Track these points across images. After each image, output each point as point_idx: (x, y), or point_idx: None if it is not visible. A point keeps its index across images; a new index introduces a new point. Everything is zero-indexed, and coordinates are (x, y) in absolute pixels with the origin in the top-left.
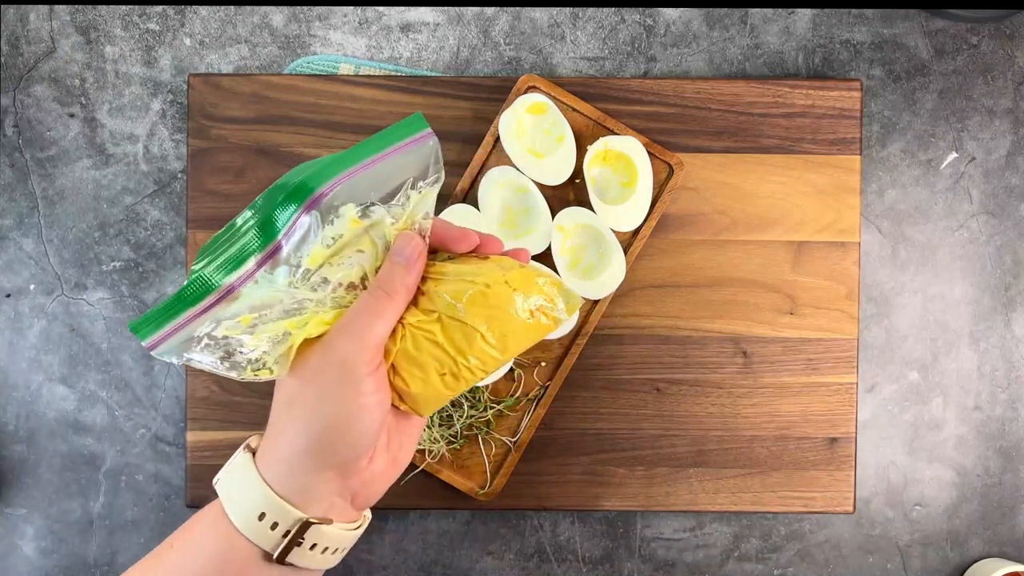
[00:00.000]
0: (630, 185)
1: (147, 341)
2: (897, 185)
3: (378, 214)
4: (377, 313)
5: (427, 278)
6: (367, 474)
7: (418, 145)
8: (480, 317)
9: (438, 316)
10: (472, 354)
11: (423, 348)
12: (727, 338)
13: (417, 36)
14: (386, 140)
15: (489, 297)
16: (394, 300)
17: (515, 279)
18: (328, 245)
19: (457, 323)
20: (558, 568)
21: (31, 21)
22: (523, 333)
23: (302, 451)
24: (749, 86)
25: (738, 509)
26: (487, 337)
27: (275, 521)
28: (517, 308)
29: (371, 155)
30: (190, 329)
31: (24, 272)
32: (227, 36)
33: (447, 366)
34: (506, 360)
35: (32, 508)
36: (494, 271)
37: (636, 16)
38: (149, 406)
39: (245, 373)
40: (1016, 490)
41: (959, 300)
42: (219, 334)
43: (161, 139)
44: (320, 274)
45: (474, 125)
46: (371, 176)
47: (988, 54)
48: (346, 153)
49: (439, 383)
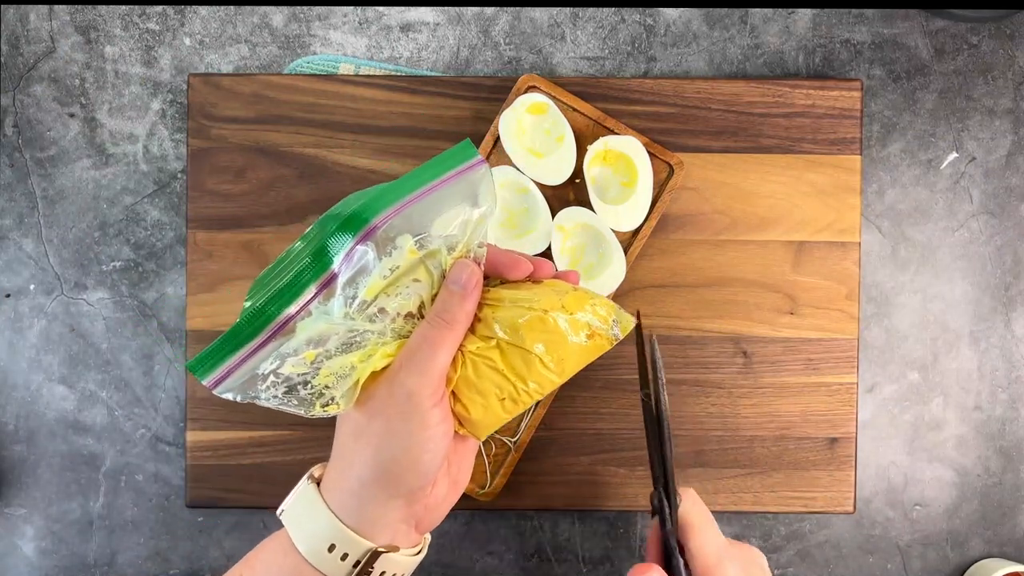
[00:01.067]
0: (630, 185)
1: (207, 379)
2: (897, 185)
3: (435, 244)
4: (438, 343)
5: (483, 304)
6: (431, 500)
7: (474, 173)
8: (539, 342)
9: (496, 342)
10: (531, 379)
11: (483, 375)
12: (727, 338)
13: (417, 36)
14: (438, 169)
15: (547, 322)
16: (454, 329)
17: (570, 303)
18: (385, 276)
19: (516, 349)
20: (558, 568)
21: (31, 21)
22: (579, 355)
23: (370, 482)
24: (749, 86)
25: (738, 509)
26: (545, 361)
27: (345, 552)
28: (573, 332)
29: (424, 184)
30: (251, 366)
31: (24, 272)
32: (227, 36)
33: (507, 391)
34: (562, 382)
35: (32, 508)
36: (550, 296)
37: (636, 16)
38: (149, 406)
39: (314, 409)
40: (1016, 490)
41: (959, 300)
42: (284, 371)
43: (161, 139)
44: (377, 304)
45: (474, 125)
46: (424, 206)
47: (988, 54)
48: (398, 183)
49: (499, 408)
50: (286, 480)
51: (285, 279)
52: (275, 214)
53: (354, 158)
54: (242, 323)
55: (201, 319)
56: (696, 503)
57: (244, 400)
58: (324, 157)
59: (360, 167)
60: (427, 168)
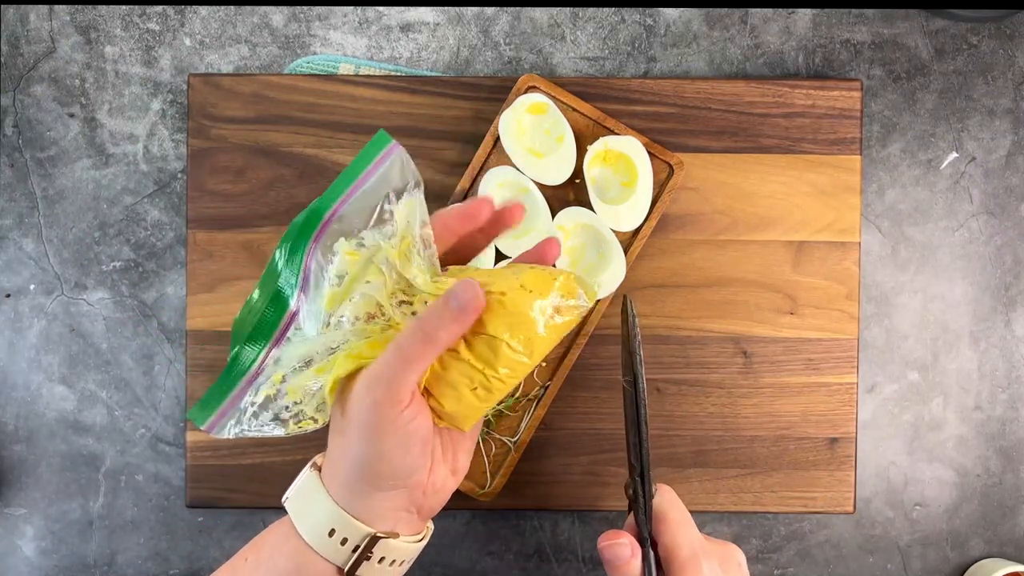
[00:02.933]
0: (630, 185)
1: (205, 425)
2: (897, 185)
3: (371, 240)
4: (411, 360)
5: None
6: (429, 487)
7: (388, 161)
8: (501, 325)
9: None
10: (500, 365)
11: (450, 367)
12: (727, 338)
13: (417, 36)
14: (358, 167)
15: (506, 304)
16: (433, 347)
17: (529, 281)
18: (335, 285)
19: (480, 336)
20: (558, 568)
21: (31, 21)
22: (547, 334)
23: (356, 479)
24: (749, 86)
25: (738, 509)
26: (512, 345)
27: (344, 537)
28: (537, 312)
29: (348, 186)
30: (240, 403)
31: (24, 272)
32: (227, 36)
33: (477, 380)
34: (535, 363)
35: (32, 508)
36: (507, 277)
37: (636, 16)
38: (149, 406)
39: (290, 428)
40: (1016, 490)
41: (959, 300)
42: (259, 399)
43: (161, 139)
44: (338, 315)
45: (474, 125)
46: (353, 207)
47: (988, 54)
48: (326, 194)
49: (472, 398)
50: (286, 480)
51: (255, 319)
52: (275, 214)
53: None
54: (229, 367)
55: (201, 319)
56: (672, 498)
57: (236, 436)
58: (324, 157)
59: None
60: (350, 170)
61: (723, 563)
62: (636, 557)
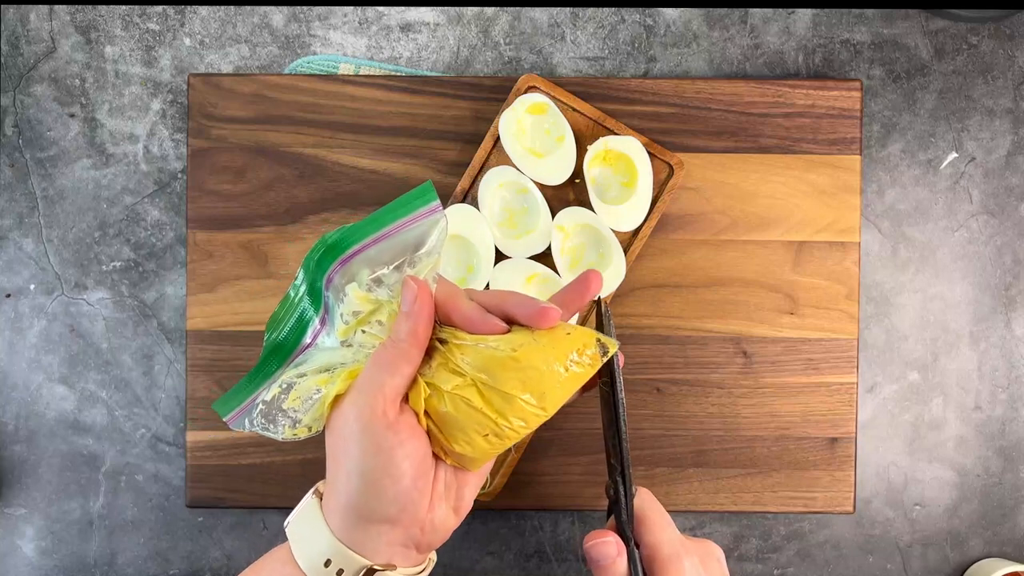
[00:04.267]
0: (630, 185)
1: (227, 417)
2: (897, 185)
3: (381, 295)
4: (385, 364)
5: (447, 341)
6: (427, 524)
7: (429, 221)
8: (515, 381)
9: (473, 383)
10: (513, 415)
11: (462, 412)
12: (727, 338)
13: (417, 36)
14: (397, 214)
15: (520, 360)
16: (401, 349)
17: (542, 336)
18: (347, 322)
19: (494, 391)
20: (558, 568)
21: (31, 21)
22: (562, 387)
23: (350, 509)
24: (749, 86)
25: (738, 509)
26: (526, 399)
27: (340, 568)
28: (552, 365)
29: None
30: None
31: (24, 272)
32: (227, 36)
33: (489, 428)
34: (551, 414)
35: (32, 508)
36: (521, 333)
37: (636, 16)
38: (149, 406)
39: (285, 432)
40: (1016, 490)
41: (959, 300)
42: (268, 397)
43: (161, 139)
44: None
45: (474, 125)
46: (378, 251)
47: (988, 54)
48: (358, 227)
49: (483, 443)
50: (286, 480)
51: (292, 318)
52: (275, 214)
53: (354, 158)
54: (261, 363)
55: (201, 319)
56: (650, 498)
57: (248, 430)
58: (324, 157)
59: (360, 167)
60: (387, 212)
61: (703, 559)
62: (622, 556)
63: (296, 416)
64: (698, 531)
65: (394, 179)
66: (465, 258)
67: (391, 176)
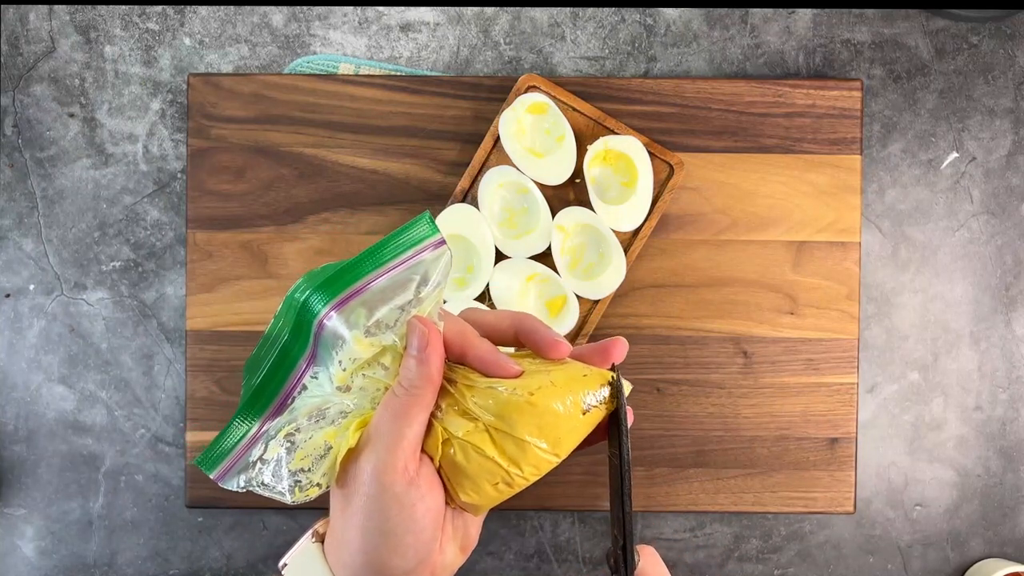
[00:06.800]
0: (630, 185)
1: (214, 472)
2: (898, 185)
3: (386, 339)
4: (401, 414)
5: (455, 381)
6: (437, 567)
7: (433, 254)
8: (532, 427)
9: (485, 428)
10: (526, 463)
11: (473, 460)
12: (727, 338)
13: (417, 36)
14: (396, 249)
15: (536, 404)
16: (415, 396)
17: (560, 379)
18: (345, 368)
19: (508, 437)
20: (558, 568)
21: (31, 21)
22: (576, 432)
23: (363, 565)
24: (749, 86)
25: (738, 509)
26: (540, 446)
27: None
28: (569, 408)
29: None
30: (249, 454)
31: (24, 272)
32: (227, 36)
33: (499, 476)
34: (561, 460)
35: (32, 508)
36: (538, 375)
37: (636, 16)
38: (149, 406)
39: (296, 496)
40: (1017, 490)
41: (959, 300)
42: (268, 456)
43: (161, 139)
44: (356, 384)
45: (474, 125)
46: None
47: (988, 54)
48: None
49: (492, 491)
50: None
51: (274, 354)
52: (275, 214)
53: (354, 158)
54: (240, 410)
55: (201, 319)
56: (655, 562)
57: (242, 489)
58: (324, 157)
59: (360, 167)
60: (385, 248)
61: None
62: None
63: (308, 477)
64: (698, 531)
65: (394, 179)
66: (465, 258)
67: (391, 176)
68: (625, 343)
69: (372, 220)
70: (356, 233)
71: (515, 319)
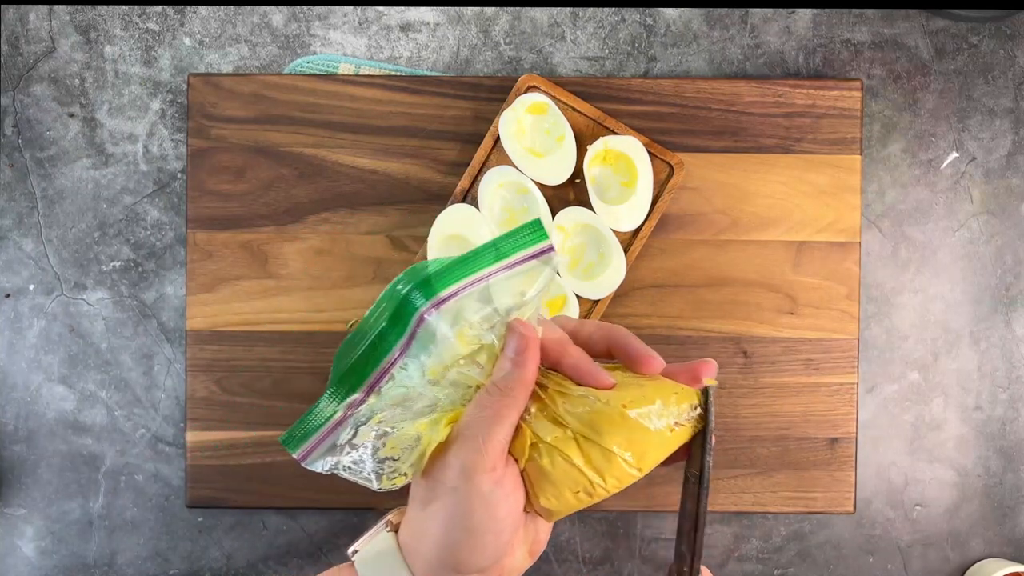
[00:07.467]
0: (630, 185)
1: (298, 452)
2: (898, 185)
3: (486, 339)
4: (494, 416)
5: (546, 387)
6: (507, 569)
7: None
8: (620, 439)
9: (574, 435)
10: (610, 475)
11: (558, 466)
12: (727, 338)
13: (417, 36)
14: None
15: (628, 419)
16: (511, 399)
17: (652, 394)
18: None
19: (595, 445)
20: (558, 568)
21: (31, 21)
22: (662, 448)
23: (438, 562)
24: (749, 86)
25: (738, 509)
26: (627, 459)
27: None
28: (658, 424)
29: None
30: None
31: (23, 272)
32: (227, 36)
33: (582, 485)
34: (642, 476)
35: (31, 508)
36: (631, 387)
37: (636, 16)
38: (149, 406)
39: (383, 483)
40: (1017, 490)
41: (960, 300)
42: (358, 441)
43: (161, 139)
44: (447, 378)
45: (474, 125)
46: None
47: (988, 54)
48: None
49: (572, 499)
50: (286, 480)
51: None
52: (275, 214)
53: (354, 158)
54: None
55: (201, 319)
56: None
57: (327, 471)
58: (324, 157)
59: (360, 167)
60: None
61: None
62: None
63: (395, 466)
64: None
65: (394, 179)
66: None
67: (391, 176)
68: (715, 364)
69: (372, 220)
70: (356, 233)
71: (608, 331)
